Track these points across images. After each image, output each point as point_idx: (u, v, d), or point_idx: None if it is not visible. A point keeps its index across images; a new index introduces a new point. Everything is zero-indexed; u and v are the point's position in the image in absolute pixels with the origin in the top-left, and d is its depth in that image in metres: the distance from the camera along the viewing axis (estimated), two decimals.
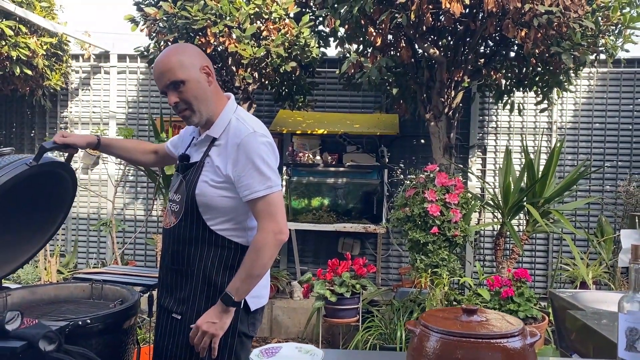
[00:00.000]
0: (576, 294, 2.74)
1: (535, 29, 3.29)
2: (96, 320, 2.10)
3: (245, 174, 1.72)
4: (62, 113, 5.87)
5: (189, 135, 2.00)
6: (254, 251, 1.73)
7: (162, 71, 1.75)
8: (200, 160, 1.81)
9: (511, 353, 1.22)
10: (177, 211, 1.85)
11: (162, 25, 3.97)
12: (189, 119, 1.80)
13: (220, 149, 1.79)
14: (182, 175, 1.85)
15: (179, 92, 1.74)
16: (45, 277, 4.52)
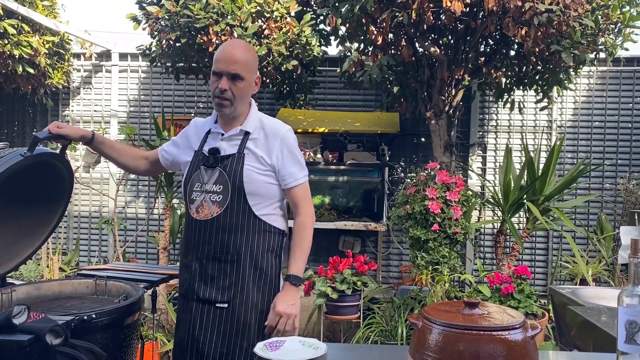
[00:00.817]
0: (576, 290, 2.75)
1: (535, 28, 3.31)
2: (101, 315, 2.12)
3: (288, 164, 1.96)
4: (64, 112, 5.89)
5: (200, 132, 2.07)
6: (303, 231, 1.98)
7: (234, 59, 1.89)
8: (239, 152, 1.95)
9: (512, 345, 1.23)
10: (220, 201, 1.93)
11: (164, 24, 3.99)
12: (223, 108, 1.93)
13: (258, 142, 1.97)
14: (221, 167, 1.94)
15: (233, 83, 1.89)
16: (47, 275, 4.54)
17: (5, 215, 2.28)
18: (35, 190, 2.36)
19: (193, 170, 2.01)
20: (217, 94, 1.91)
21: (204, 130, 2.07)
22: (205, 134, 2.05)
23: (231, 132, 1.98)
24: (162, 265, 4.27)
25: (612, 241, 4.67)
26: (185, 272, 2.06)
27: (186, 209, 2.06)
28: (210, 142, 2.02)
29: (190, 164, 2.03)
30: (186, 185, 2.02)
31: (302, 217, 2.00)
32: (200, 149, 2.03)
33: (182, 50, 4.19)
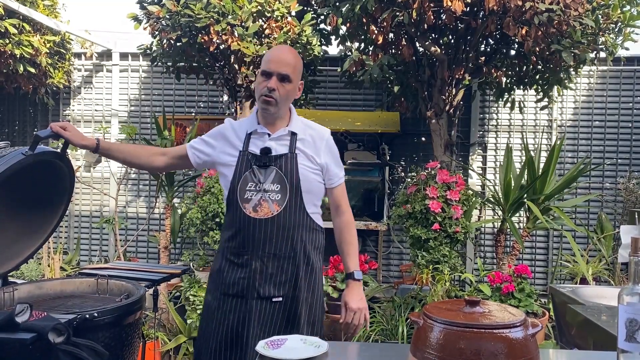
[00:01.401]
0: (576, 289, 2.76)
1: (535, 27, 3.32)
2: (103, 314, 2.13)
3: (333, 164, 2.11)
4: (65, 111, 5.89)
5: (239, 133, 2.10)
6: (352, 228, 2.17)
7: (285, 61, 1.99)
8: (291, 152, 2.03)
9: (513, 343, 1.24)
10: (279, 200, 2.00)
11: (165, 24, 4.00)
12: (268, 106, 1.99)
13: (306, 143, 2.07)
14: (276, 166, 2.00)
15: (281, 84, 1.97)
16: (48, 274, 4.55)
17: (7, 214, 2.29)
18: (36, 190, 2.37)
19: (243, 169, 2.03)
20: (264, 92, 1.97)
21: (242, 131, 2.10)
22: (246, 135, 2.07)
23: (279, 132, 2.04)
24: (163, 265, 4.29)
25: (613, 240, 4.67)
26: (238, 271, 2.05)
27: (233, 208, 2.05)
28: (255, 142, 2.05)
29: (238, 163, 2.04)
30: (235, 184, 2.03)
31: (347, 215, 2.17)
32: (245, 149, 2.05)
33: (183, 49, 4.20)
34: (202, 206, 3.84)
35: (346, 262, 2.15)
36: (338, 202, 2.17)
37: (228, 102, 5.55)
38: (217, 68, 4.52)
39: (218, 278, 2.10)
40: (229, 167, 2.07)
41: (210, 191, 3.89)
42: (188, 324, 4.02)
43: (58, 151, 2.29)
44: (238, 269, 2.05)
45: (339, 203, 2.17)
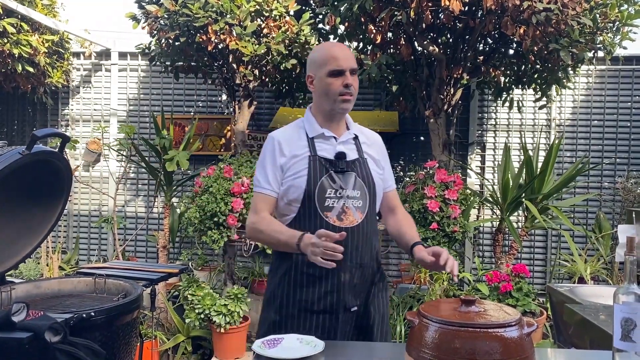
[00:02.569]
0: (574, 288, 2.76)
1: (533, 27, 3.32)
2: (100, 313, 2.13)
3: (388, 168, 2.08)
4: (64, 110, 5.89)
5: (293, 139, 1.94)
6: (411, 218, 2.14)
7: (351, 55, 1.92)
8: (361, 156, 1.95)
9: (508, 342, 1.24)
10: (361, 207, 1.91)
11: (164, 23, 4.00)
12: (348, 103, 1.90)
13: (368, 146, 2.02)
14: (354, 171, 1.90)
15: (353, 78, 1.89)
16: (47, 273, 4.55)
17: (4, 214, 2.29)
18: (34, 189, 2.37)
19: (319, 175, 1.86)
20: (341, 91, 1.86)
21: (297, 137, 1.94)
22: (309, 139, 1.92)
23: (345, 136, 1.96)
24: (162, 264, 4.29)
25: (611, 240, 4.68)
26: (322, 285, 1.87)
27: (310, 217, 1.87)
28: (323, 147, 1.92)
29: (311, 169, 1.86)
30: (311, 191, 1.85)
31: (404, 212, 2.14)
32: (315, 153, 1.89)
33: (181, 49, 4.20)
34: (201, 205, 3.84)
35: (412, 236, 2.00)
36: (394, 205, 2.10)
37: (227, 101, 5.55)
38: (215, 67, 4.52)
39: (294, 295, 1.89)
40: (298, 175, 1.87)
41: (208, 190, 3.89)
42: (186, 323, 4.02)
43: (55, 150, 2.28)
44: (322, 282, 1.86)
45: (395, 205, 2.10)
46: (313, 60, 1.93)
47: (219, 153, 5.13)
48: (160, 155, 4.31)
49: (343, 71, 1.85)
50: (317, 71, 1.90)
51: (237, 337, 4.06)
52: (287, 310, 1.90)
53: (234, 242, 4.03)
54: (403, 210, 2.13)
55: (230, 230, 3.87)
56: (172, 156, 4.10)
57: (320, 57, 1.90)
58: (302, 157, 1.89)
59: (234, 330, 3.99)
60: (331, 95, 1.87)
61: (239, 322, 4.00)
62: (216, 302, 3.94)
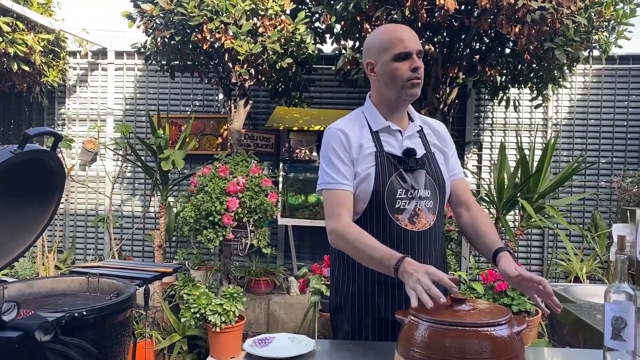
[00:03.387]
0: (569, 287, 2.76)
1: (528, 25, 3.31)
2: (92, 312, 2.12)
3: (454, 157, 1.89)
4: (60, 110, 5.88)
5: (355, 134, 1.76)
6: (487, 215, 1.87)
7: (415, 36, 1.73)
8: (428, 151, 1.79)
9: (498, 341, 1.23)
10: (432, 207, 1.75)
11: (159, 22, 3.99)
12: (417, 88, 1.71)
13: (433, 137, 1.85)
14: (424, 169, 1.74)
15: (420, 61, 1.72)
16: (43, 273, 4.54)
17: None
18: (26, 188, 2.36)
19: (388, 173, 1.70)
20: (409, 76, 1.67)
21: (360, 130, 1.77)
22: (373, 133, 1.76)
23: (411, 128, 1.79)
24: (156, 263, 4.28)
25: (607, 239, 4.68)
26: (395, 294, 1.73)
27: (379, 220, 1.71)
28: (389, 142, 1.75)
29: (379, 167, 1.70)
30: (381, 192, 1.69)
31: (479, 207, 1.87)
32: (381, 149, 1.73)
33: (176, 48, 4.20)
34: (196, 205, 3.84)
35: (494, 240, 1.71)
36: (466, 197, 1.86)
37: (223, 100, 5.54)
38: (211, 66, 4.51)
39: (365, 304, 1.75)
40: (366, 173, 1.70)
41: (204, 189, 3.88)
42: (182, 323, 4.02)
43: (48, 149, 2.27)
44: (395, 291, 1.72)
45: (466, 198, 1.86)
46: (373, 45, 1.75)
47: (216, 152, 5.12)
48: (156, 155, 4.30)
49: (410, 53, 1.67)
50: (379, 56, 1.71)
51: (232, 336, 4.05)
52: (360, 320, 1.77)
53: (230, 241, 4.02)
54: (477, 206, 1.86)
55: (225, 230, 3.86)
56: (167, 155, 4.09)
57: (383, 41, 1.71)
58: (369, 154, 1.72)
59: (230, 329, 3.99)
60: (399, 81, 1.68)
61: (235, 322, 3.99)
62: (212, 301, 3.94)
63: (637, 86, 5.28)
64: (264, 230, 4.20)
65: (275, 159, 5.42)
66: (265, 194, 3.98)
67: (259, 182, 3.97)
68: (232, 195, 3.84)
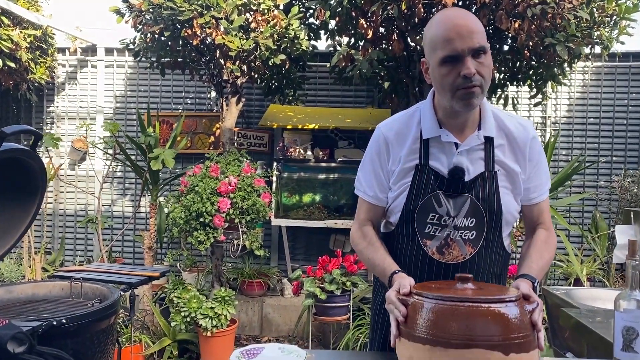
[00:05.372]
0: (570, 291, 2.68)
1: (529, 20, 3.21)
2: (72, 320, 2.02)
3: (537, 173, 1.53)
4: (49, 108, 5.76)
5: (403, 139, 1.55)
6: (551, 241, 1.56)
7: (470, 30, 1.36)
8: (489, 169, 1.47)
9: (508, 318, 1.14)
10: (473, 239, 1.47)
11: (148, 17, 3.87)
12: (474, 99, 1.39)
13: (505, 150, 1.49)
14: (471, 194, 1.46)
15: (479, 61, 1.37)
16: (29, 275, 4.42)
17: None
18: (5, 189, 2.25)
19: (421, 192, 1.48)
20: (458, 84, 1.37)
21: (410, 137, 1.54)
22: (422, 142, 1.51)
23: (470, 140, 1.47)
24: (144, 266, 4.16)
25: (607, 240, 4.59)
26: None
27: (407, 240, 1.55)
28: (438, 156, 1.49)
29: (415, 183, 1.49)
30: (411, 211, 1.50)
31: (552, 236, 1.58)
32: (425, 163, 1.49)
33: (166, 44, 4.08)
34: (186, 205, 3.73)
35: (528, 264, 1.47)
36: (537, 222, 1.58)
37: (216, 98, 5.43)
38: (202, 63, 4.40)
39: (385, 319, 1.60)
40: (401, 188, 1.53)
41: (194, 190, 3.77)
42: (172, 327, 3.91)
43: (27, 148, 2.16)
44: None
45: (538, 223, 1.58)
46: (425, 42, 1.47)
47: (208, 151, 5.01)
48: (146, 154, 4.19)
49: (459, 57, 1.36)
50: (430, 57, 1.44)
51: (224, 340, 3.95)
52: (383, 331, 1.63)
53: (221, 243, 3.91)
54: (545, 231, 1.57)
55: (217, 231, 3.76)
56: (157, 154, 3.98)
57: (433, 38, 1.42)
58: (410, 167, 1.51)
59: (221, 333, 3.88)
60: (447, 89, 1.40)
61: (227, 326, 3.89)
62: (203, 304, 3.83)
63: (637, 84, 5.20)
64: (257, 232, 4.09)
65: (269, 158, 5.32)
66: (257, 194, 3.87)
67: (251, 182, 3.86)
68: (223, 195, 3.73)
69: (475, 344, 1.11)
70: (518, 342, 1.13)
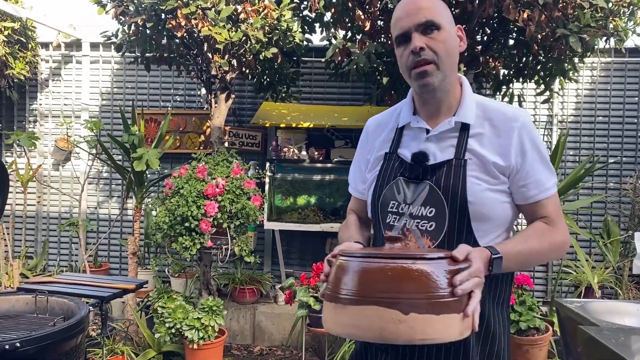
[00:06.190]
0: (585, 304, 2.44)
1: (539, 10, 2.96)
2: (29, 343, 1.79)
3: (533, 166, 1.35)
4: (32, 105, 5.50)
5: (381, 129, 1.51)
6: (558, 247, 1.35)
7: (418, 6, 1.32)
8: (458, 157, 1.34)
9: (411, 276, 1.04)
10: (432, 231, 1.33)
11: (131, 8, 3.62)
12: (428, 77, 1.32)
13: (484, 139, 1.35)
14: (432, 180, 1.34)
15: (429, 37, 1.31)
16: (6, 282, 4.16)
17: None
18: None
19: (386, 180, 1.41)
20: (411, 63, 1.32)
21: (388, 126, 1.50)
22: (397, 130, 1.46)
23: (441, 126, 1.37)
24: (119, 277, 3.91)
25: (620, 246, 4.33)
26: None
27: (377, 234, 1.47)
28: (408, 142, 1.42)
29: (381, 171, 1.43)
30: (376, 201, 1.43)
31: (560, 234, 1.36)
32: (393, 150, 1.43)
33: (150, 36, 3.83)
34: (170, 209, 3.47)
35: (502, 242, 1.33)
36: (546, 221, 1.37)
37: (206, 95, 5.18)
38: (190, 58, 4.15)
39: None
40: (372, 178, 1.47)
41: (179, 192, 3.52)
42: (157, 338, 3.66)
43: None
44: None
45: (548, 222, 1.37)
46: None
47: (197, 151, 4.76)
48: (129, 154, 3.94)
49: (407, 34, 1.32)
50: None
51: (212, 353, 3.70)
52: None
53: (209, 249, 3.66)
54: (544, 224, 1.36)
55: (203, 237, 3.50)
56: (140, 154, 3.72)
57: (392, 23, 1.39)
58: (380, 154, 1.47)
59: (209, 345, 3.64)
60: (404, 71, 1.37)
61: (215, 337, 3.64)
62: (189, 315, 3.58)
63: None
64: (248, 236, 3.84)
65: (262, 158, 5.07)
66: (247, 197, 3.62)
67: (241, 184, 3.61)
68: (210, 198, 3.48)
69: (371, 300, 1.04)
70: (422, 302, 1.03)
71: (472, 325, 1.09)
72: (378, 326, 1.02)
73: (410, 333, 1.01)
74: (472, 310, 1.07)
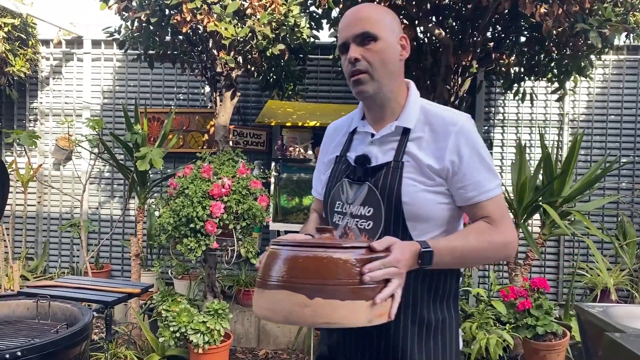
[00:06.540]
0: (607, 309, 2.34)
1: (557, 4, 2.86)
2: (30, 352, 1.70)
3: (473, 169, 1.37)
4: (32, 103, 5.40)
5: (337, 134, 1.58)
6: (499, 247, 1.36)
7: (357, 17, 1.40)
8: (396, 159, 1.39)
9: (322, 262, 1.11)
10: (370, 229, 1.39)
11: (134, 3, 3.52)
12: (361, 85, 1.39)
13: (422, 143, 1.40)
14: (371, 181, 1.40)
15: (365, 48, 1.38)
16: (6, 284, 4.06)
17: None
18: None
19: (334, 182, 1.49)
20: (348, 72, 1.41)
21: (342, 131, 1.57)
22: (348, 135, 1.53)
23: (383, 131, 1.44)
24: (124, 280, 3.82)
25: (637, 247, 4.23)
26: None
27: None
28: (356, 146, 1.50)
29: (331, 173, 1.52)
30: (326, 202, 1.52)
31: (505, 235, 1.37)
32: (343, 153, 1.51)
33: (154, 32, 3.73)
34: (175, 210, 3.38)
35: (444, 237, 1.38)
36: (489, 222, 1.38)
37: (210, 93, 5.08)
38: (194, 55, 4.05)
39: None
40: (325, 179, 1.56)
41: (184, 193, 3.42)
42: (160, 342, 3.56)
43: None
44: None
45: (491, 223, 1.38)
46: None
47: (201, 150, 4.66)
48: (132, 153, 3.84)
49: (346, 44, 1.40)
50: None
51: (217, 357, 3.60)
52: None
53: (214, 250, 3.57)
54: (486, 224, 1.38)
55: (209, 238, 3.41)
56: (144, 154, 3.63)
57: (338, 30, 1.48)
58: (332, 157, 1.56)
59: (214, 350, 3.54)
60: (347, 79, 1.44)
61: (220, 341, 3.54)
62: (194, 318, 3.48)
63: None
64: (254, 238, 3.74)
65: (267, 157, 4.97)
66: (254, 197, 3.52)
67: (247, 184, 3.51)
68: (216, 199, 3.38)
69: (283, 285, 1.11)
70: (328, 287, 1.08)
71: (388, 313, 1.13)
72: (287, 309, 1.09)
73: (314, 317, 1.07)
74: (381, 299, 1.11)
